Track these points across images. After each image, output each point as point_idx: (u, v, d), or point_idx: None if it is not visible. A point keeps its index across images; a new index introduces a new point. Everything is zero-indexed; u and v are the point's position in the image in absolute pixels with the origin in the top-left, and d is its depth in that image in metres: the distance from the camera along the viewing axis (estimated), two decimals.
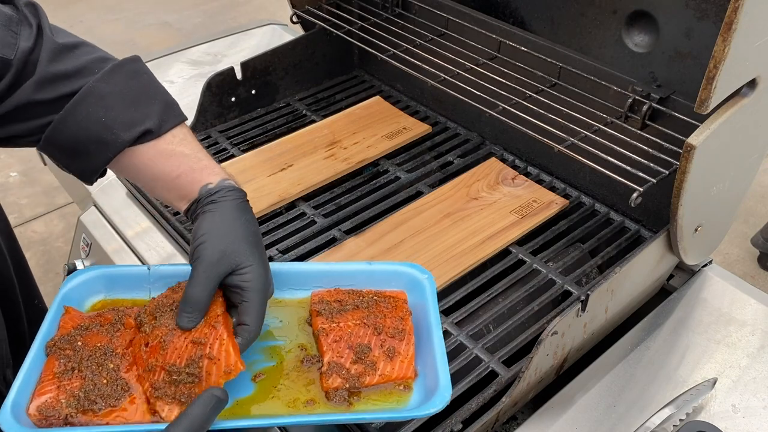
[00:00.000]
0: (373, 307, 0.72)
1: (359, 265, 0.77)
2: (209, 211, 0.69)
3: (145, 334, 0.65)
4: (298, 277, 0.76)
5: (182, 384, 0.62)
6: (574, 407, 0.79)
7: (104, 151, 0.70)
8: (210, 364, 0.61)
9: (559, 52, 0.97)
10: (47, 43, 0.67)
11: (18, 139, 0.70)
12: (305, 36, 1.27)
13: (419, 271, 0.76)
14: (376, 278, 0.76)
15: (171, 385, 0.62)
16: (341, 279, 0.76)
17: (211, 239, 0.66)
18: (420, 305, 0.73)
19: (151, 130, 0.70)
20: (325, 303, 0.72)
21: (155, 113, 0.71)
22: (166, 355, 0.62)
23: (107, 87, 0.69)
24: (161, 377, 0.62)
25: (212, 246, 0.65)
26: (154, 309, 0.66)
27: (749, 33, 0.61)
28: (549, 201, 1.01)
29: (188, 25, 3.92)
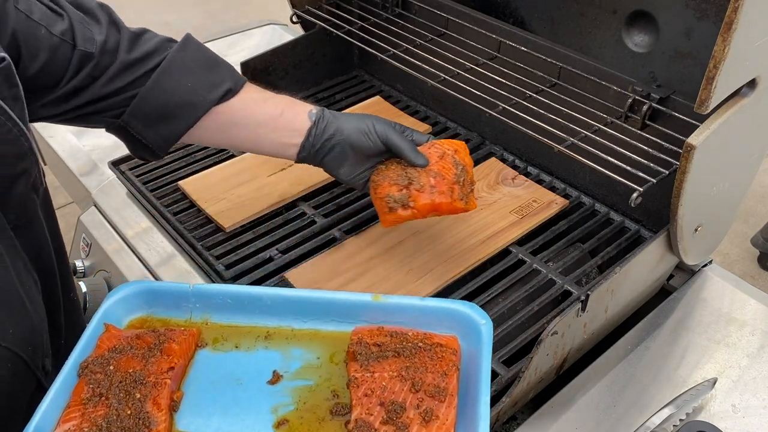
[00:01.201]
0: (416, 356, 0.65)
1: (410, 300, 0.71)
2: (340, 114, 0.84)
3: None
4: (343, 307, 0.72)
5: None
6: (574, 407, 0.79)
7: (192, 112, 0.79)
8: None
9: (559, 52, 0.97)
10: (124, 33, 0.76)
11: (99, 115, 0.77)
12: (305, 36, 1.27)
13: (477, 314, 0.68)
14: (427, 316, 0.69)
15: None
16: (389, 314, 0.70)
17: (369, 117, 0.83)
18: (471, 354, 0.66)
19: (231, 89, 0.80)
20: (363, 345, 0.66)
21: (228, 74, 0.81)
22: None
23: (186, 56, 0.78)
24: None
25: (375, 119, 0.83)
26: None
27: (749, 33, 0.61)
28: (549, 201, 1.01)
29: (188, 25, 3.92)
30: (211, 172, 1.08)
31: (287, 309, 0.72)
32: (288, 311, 0.73)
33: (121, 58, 0.75)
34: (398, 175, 0.80)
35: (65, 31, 0.71)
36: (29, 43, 0.68)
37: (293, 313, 0.73)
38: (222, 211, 1.00)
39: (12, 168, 0.65)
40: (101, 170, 1.17)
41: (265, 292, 0.73)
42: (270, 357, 0.70)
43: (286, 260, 0.93)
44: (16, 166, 0.66)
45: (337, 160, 0.83)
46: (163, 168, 1.11)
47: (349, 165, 0.84)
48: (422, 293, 0.86)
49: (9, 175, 0.65)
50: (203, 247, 0.96)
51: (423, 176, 0.79)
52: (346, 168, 0.84)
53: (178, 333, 0.68)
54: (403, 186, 0.79)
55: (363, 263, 0.91)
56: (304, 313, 0.72)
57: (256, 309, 0.73)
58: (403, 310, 0.70)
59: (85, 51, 0.72)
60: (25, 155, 0.66)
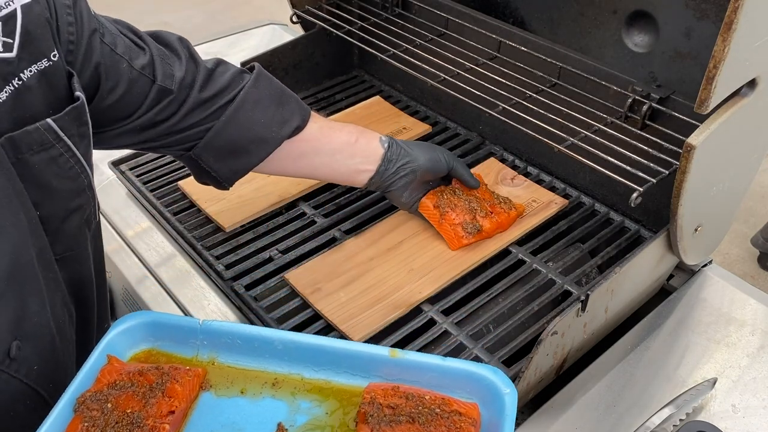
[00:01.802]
0: (432, 424, 0.60)
1: (431, 359, 0.65)
2: (410, 143, 0.92)
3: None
4: (358, 360, 0.67)
5: None
6: (574, 407, 0.79)
7: (264, 148, 0.81)
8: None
9: (559, 52, 0.97)
10: (201, 69, 0.78)
11: (171, 148, 0.79)
12: (305, 36, 1.27)
13: (501, 381, 0.63)
14: (448, 378, 0.64)
15: None
16: (406, 372, 0.65)
17: (435, 148, 0.94)
18: (492, 424, 0.62)
19: (300, 126, 0.83)
20: (376, 406, 0.61)
21: (297, 108, 0.83)
22: None
23: (258, 93, 0.80)
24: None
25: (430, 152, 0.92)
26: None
27: (749, 33, 0.61)
28: (548, 201, 1.01)
29: (188, 25, 3.92)
30: None
31: (299, 355, 0.68)
32: (299, 358, 0.68)
33: (196, 94, 0.76)
34: (463, 204, 0.94)
35: (146, 66, 0.72)
36: (110, 75, 0.69)
37: (305, 360, 0.68)
38: (222, 211, 1.00)
39: (68, 203, 0.66)
40: (101, 170, 1.17)
41: (277, 336, 0.68)
42: (276, 407, 0.65)
43: (286, 260, 0.93)
44: (73, 201, 0.66)
45: (403, 186, 0.91)
46: (163, 168, 1.11)
47: (411, 190, 0.93)
48: (424, 293, 0.86)
49: (65, 209, 0.66)
50: (203, 247, 0.96)
51: (480, 203, 0.95)
52: (407, 193, 0.93)
53: (182, 373, 0.64)
54: (472, 215, 0.93)
55: (363, 263, 0.91)
56: (317, 361, 0.68)
57: (267, 352, 0.69)
58: (421, 369, 0.65)
59: (163, 86, 0.73)
60: (83, 191, 0.67)
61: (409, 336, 0.83)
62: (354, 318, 0.83)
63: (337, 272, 0.90)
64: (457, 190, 0.96)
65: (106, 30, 0.69)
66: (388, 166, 0.89)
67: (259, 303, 0.87)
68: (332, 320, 0.83)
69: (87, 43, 0.66)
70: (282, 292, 0.89)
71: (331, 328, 0.84)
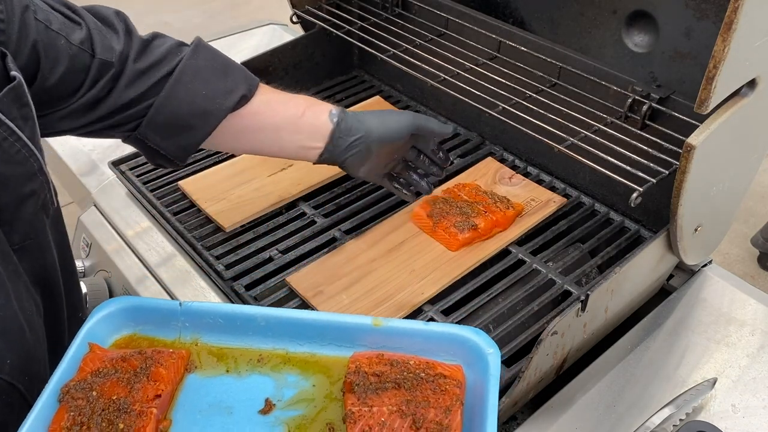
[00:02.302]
0: (417, 388, 0.61)
1: (413, 324, 0.67)
2: (362, 114, 0.84)
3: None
4: (341, 331, 0.68)
5: None
6: (574, 407, 0.79)
7: (208, 121, 0.77)
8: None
9: (559, 52, 0.97)
10: (135, 41, 0.74)
11: (116, 129, 0.75)
12: (305, 36, 1.27)
13: (484, 342, 0.64)
14: (431, 342, 0.65)
15: None
16: (390, 339, 0.66)
17: (388, 112, 0.87)
18: (477, 385, 0.62)
19: (246, 95, 0.78)
20: (361, 375, 0.62)
21: (242, 79, 0.79)
22: None
23: (197, 63, 0.76)
24: None
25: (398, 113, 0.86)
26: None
27: (749, 33, 0.61)
28: (547, 199, 1.01)
29: (188, 25, 3.92)
30: (211, 172, 1.08)
31: (282, 330, 0.68)
32: (283, 333, 0.69)
33: (131, 65, 0.73)
34: (455, 211, 0.94)
35: (84, 40, 0.69)
36: (49, 53, 0.66)
37: (288, 335, 0.69)
38: (222, 211, 1.00)
39: (20, 189, 0.63)
40: (101, 170, 1.17)
41: (258, 312, 0.69)
42: (263, 383, 0.66)
43: (286, 260, 0.93)
44: (25, 187, 0.64)
45: (359, 162, 0.85)
46: (163, 168, 1.11)
47: (370, 164, 0.87)
48: (426, 294, 0.86)
49: (17, 196, 0.63)
50: (203, 247, 0.96)
51: (472, 207, 0.95)
52: (365, 167, 0.87)
53: (166, 356, 0.64)
54: (465, 217, 0.93)
55: (365, 265, 0.91)
56: (300, 335, 0.68)
57: (249, 330, 0.69)
58: (404, 335, 0.66)
59: (104, 60, 0.70)
60: (35, 176, 0.64)
61: None
62: None
63: (338, 274, 0.90)
64: (449, 199, 0.97)
65: (37, 7, 0.66)
66: (337, 143, 0.82)
67: (259, 303, 0.87)
68: None
69: (20, 20, 0.63)
70: (282, 293, 0.89)
71: None
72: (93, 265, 1.09)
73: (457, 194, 0.98)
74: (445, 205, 0.96)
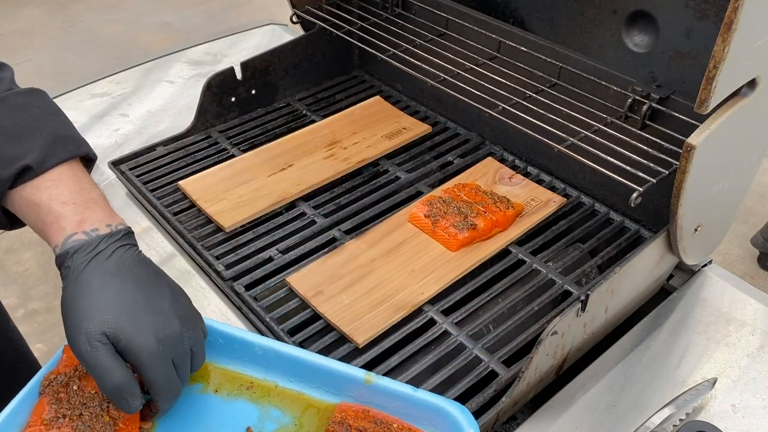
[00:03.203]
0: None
1: (402, 388, 0.67)
2: (63, 287, 0.59)
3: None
4: (333, 377, 0.68)
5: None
6: (574, 407, 0.79)
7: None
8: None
9: (559, 52, 0.97)
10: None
11: None
12: (305, 36, 1.27)
13: (466, 421, 0.64)
14: (416, 409, 0.66)
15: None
16: (377, 396, 0.67)
17: (70, 318, 0.57)
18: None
19: (31, 166, 0.61)
20: (345, 427, 0.63)
21: (38, 147, 0.62)
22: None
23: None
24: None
25: (77, 324, 0.56)
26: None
27: (749, 33, 0.61)
28: (547, 199, 1.01)
29: (188, 25, 3.92)
30: (211, 172, 1.08)
31: (277, 364, 0.70)
32: (277, 366, 0.70)
33: None
34: (453, 210, 0.94)
35: None
36: None
37: (281, 369, 0.70)
38: (222, 211, 1.00)
39: None
40: (101, 170, 1.17)
41: (258, 341, 0.69)
42: (247, 411, 0.67)
43: (286, 260, 0.93)
44: None
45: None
46: (163, 168, 1.11)
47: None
48: (426, 294, 0.86)
49: None
50: (203, 247, 0.96)
51: (471, 207, 0.95)
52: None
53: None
54: (463, 216, 0.93)
55: (365, 265, 0.91)
56: (293, 372, 0.69)
57: (245, 356, 0.70)
58: (392, 397, 0.66)
59: None
60: None
61: (409, 336, 0.83)
62: (357, 320, 0.83)
63: (338, 274, 0.90)
64: (448, 199, 0.97)
65: None
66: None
67: (259, 303, 0.87)
68: (336, 323, 0.83)
69: None
70: (282, 293, 0.89)
71: (330, 328, 0.84)
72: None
73: (456, 194, 0.98)
74: (443, 205, 0.96)
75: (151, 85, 1.41)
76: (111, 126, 1.29)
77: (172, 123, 1.29)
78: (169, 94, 1.38)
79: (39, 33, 3.96)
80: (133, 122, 1.30)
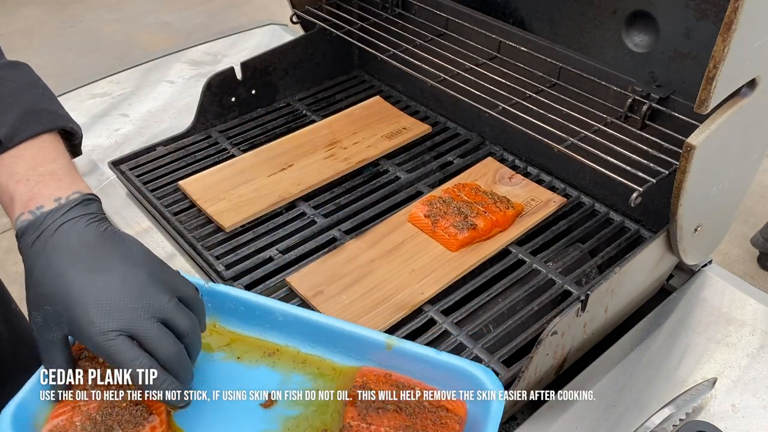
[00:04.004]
0: (418, 416, 0.62)
1: (425, 351, 0.66)
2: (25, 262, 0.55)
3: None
4: (354, 341, 0.68)
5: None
6: (574, 407, 0.79)
7: None
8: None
9: (559, 52, 0.97)
10: None
11: None
12: (305, 36, 1.27)
13: (491, 382, 0.63)
14: (439, 372, 0.65)
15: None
16: (401, 360, 0.67)
17: (27, 305, 0.54)
18: (477, 423, 0.62)
19: (0, 141, 0.58)
20: (366, 390, 0.63)
21: (9, 122, 0.58)
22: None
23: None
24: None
25: (29, 313, 0.53)
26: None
27: (749, 33, 0.61)
28: (547, 199, 1.01)
29: (188, 25, 3.92)
30: (211, 172, 1.08)
31: (297, 329, 0.69)
32: (297, 332, 0.70)
33: None
34: (453, 210, 0.94)
35: None
36: None
37: (302, 335, 0.70)
38: (222, 211, 1.00)
39: None
40: (101, 170, 1.17)
41: (279, 307, 0.70)
42: (269, 377, 0.67)
43: (286, 260, 0.93)
44: None
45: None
46: (163, 168, 1.11)
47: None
48: (426, 294, 0.86)
49: None
50: (203, 247, 0.96)
51: (471, 207, 0.94)
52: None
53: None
54: (463, 216, 0.93)
55: (365, 265, 0.91)
56: (314, 337, 0.69)
57: (267, 322, 0.70)
58: (414, 360, 0.66)
59: None
60: None
61: (409, 336, 0.82)
62: (358, 320, 0.83)
63: (338, 274, 0.90)
64: (448, 199, 0.97)
65: None
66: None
67: None
68: None
69: None
70: (282, 292, 0.89)
71: None
72: None
73: (456, 194, 0.98)
74: (443, 205, 0.96)
75: (151, 85, 1.42)
76: (111, 126, 1.29)
77: (172, 123, 1.29)
78: (169, 94, 1.38)
79: (39, 33, 3.96)
80: (133, 122, 1.30)
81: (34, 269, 0.53)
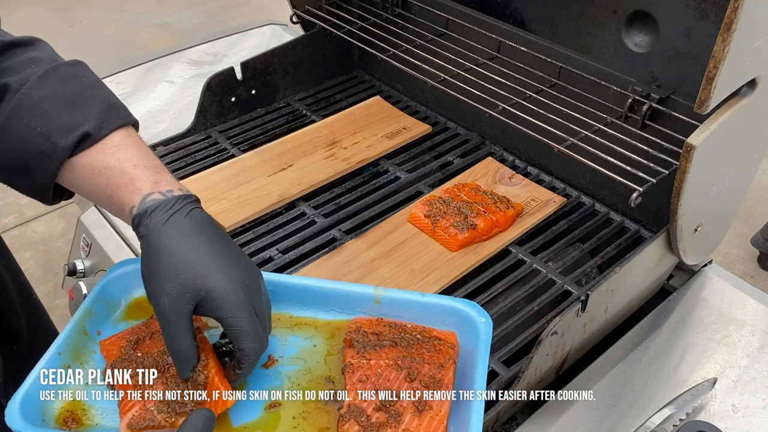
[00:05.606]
0: (413, 347, 0.66)
1: (411, 295, 0.71)
2: (143, 246, 0.61)
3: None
4: (344, 298, 0.72)
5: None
6: (574, 407, 0.79)
7: (47, 164, 0.62)
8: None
9: (559, 52, 0.97)
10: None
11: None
12: (305, 36, 1.27)
13: (476, 312, 0.69)
14: (427, 312, 0.70)
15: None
16: (389, 308, 0.71)
17: (152, 279, 0.59)
18: (469, 351, 0.67)
19: (89, 134, 0.62)
20: (361, 333, 0.67)
21: (94, 115, 0.63)
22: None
23: (39, 92, 0.62)
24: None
25: (159, 286, 0.58)
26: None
27: (749, 33, 0.61)
28: (547, 199, 1.01)
29: (188, 25, 3.92)
30: (211, 172, 1.08)
31: (288, 296, 0.73)
32: (288, 298, 0.73)
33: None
34: (453, 210, 0.94)
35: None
36: None
37: (294, 300, 0.73)
38: (222, 211, 1.00)
39: None
40: None
41: (266, 278, 0.71)
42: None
43: (286, 260, 0.93)
44: None
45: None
46: None
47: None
48: None
49: None
50: None
51: (471, 207, 0.94)
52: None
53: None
54: (463, 216, 0.93)
55: (365, 265, 0.91)
56: (305, 301, 0.73)
57: None
58: (403, 305, 0.71)
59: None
60: None
61: None
62: None
63: (339, 274, 0.90)
64: (448, 199, 0.97)
65: None
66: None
67: None
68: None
69: None
70: None
71: None
72: (93, 265, 1.09)
73: (456, 194, 0.98)
74: (443, 205, 0.96)
75: (151, 85, 1.42)
76: None
77: (172, 123, 1.29)
78: (169, 94, 1.38)
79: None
80: None
81: (170, 242, 0.59)
